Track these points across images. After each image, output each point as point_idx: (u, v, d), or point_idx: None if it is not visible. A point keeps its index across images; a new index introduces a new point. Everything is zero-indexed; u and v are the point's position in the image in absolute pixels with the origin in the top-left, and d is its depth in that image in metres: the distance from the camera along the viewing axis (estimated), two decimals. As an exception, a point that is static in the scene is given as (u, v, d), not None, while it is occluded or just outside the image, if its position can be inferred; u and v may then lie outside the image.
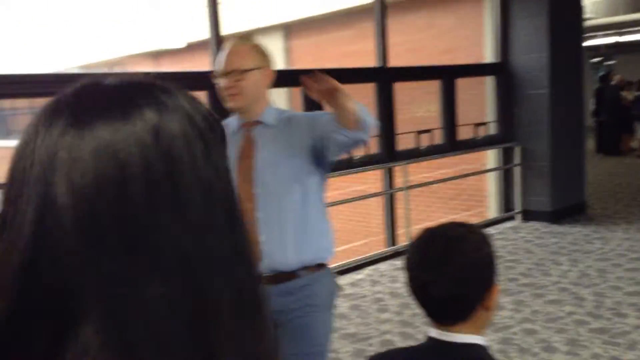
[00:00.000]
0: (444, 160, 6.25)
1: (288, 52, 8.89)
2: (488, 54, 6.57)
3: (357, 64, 6.36)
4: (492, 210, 6.81)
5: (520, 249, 5.46)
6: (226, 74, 1.90)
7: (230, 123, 1.99)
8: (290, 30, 8.95)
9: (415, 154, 5.67)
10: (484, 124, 6.36)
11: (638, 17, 13.29)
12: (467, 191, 7.32)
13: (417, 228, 1.97)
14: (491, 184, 6.81)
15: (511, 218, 6.50)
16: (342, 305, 4.09)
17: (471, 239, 1.14)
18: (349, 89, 1.75)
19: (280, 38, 8.89)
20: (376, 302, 4.27)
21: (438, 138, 5.93)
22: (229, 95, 1.90)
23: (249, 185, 1.89)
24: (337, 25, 8.51)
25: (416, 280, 1.13)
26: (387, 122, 5.40)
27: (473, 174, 6.77)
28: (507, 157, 6.53)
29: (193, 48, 8.63)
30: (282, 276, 1.90)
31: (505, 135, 6.45)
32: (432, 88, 6.12)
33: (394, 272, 4.93)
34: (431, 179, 6.45)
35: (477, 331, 1.13)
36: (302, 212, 1.93)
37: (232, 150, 1.90)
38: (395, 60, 5.83)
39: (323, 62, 8.25)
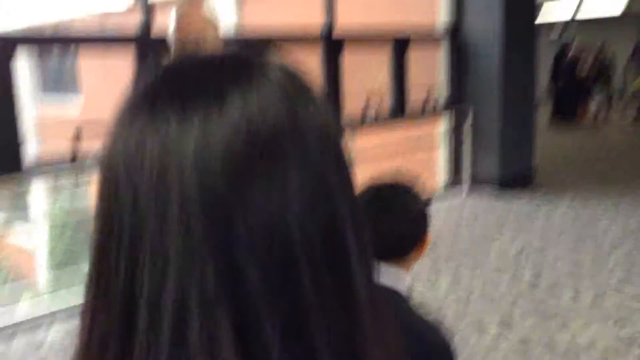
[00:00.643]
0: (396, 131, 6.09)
1: (239, 11, 8.51)
2: (442, 15, 6.38)
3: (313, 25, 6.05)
4: (441, 178, 6.73)
5: (463, 221, 5.38)
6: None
7: None
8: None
9: (361, 122, 5.48)
10: (433, 97, 6.19)
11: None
12: (418, 161, 7.21)
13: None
14: (441, 152, 6.70)
15: (459, 186, 6.43)
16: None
17: (406, 194, 1.25)
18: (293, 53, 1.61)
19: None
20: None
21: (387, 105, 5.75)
22: None
23: None
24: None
25: None
26: (333, 90, 5.18)
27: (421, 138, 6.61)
28: (457, 124, 6.41)
29: (134, 11, 8.14)
30: None
31: (456, 100, 6.31)
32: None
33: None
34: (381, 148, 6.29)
35: (405, 268, 1.25)
36: None
37: None
38: (348, 18, 5.58)
39: (276, 22, 7.91)
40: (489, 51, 6.03)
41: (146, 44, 3.95)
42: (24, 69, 11.59)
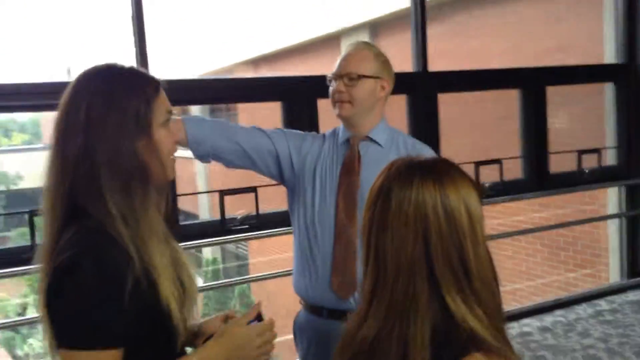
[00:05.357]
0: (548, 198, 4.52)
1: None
2: (608, 53, 4.71)
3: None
4: (613, 271, 4.87)
5: (636, 346, 3.56)
6: (339, 77, 1.78)
7: (340, 133, 1.85)
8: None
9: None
10: (596, 150, 4.46)
11: None
12: (580, 240, 5.40)
13: (515, 286, 1.44)
14: (613, 234, 4.87)
15: (638, 286, 4.53)
16: None
17: None
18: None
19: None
20: None
21: (516, 170, 4.21)
22: (337, 101, 1.78)
23: (352, 204, 1.75)
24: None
25: None
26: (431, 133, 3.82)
27: (571, 223, 4.82)
28: (632, 198, 4.59)
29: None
30: None
31: (630, 168, 4.52)
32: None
33: None
34: (526, 224, 4.73)
35: None
36: None
37: (336, 163, 1.81)
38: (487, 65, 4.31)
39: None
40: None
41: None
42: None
